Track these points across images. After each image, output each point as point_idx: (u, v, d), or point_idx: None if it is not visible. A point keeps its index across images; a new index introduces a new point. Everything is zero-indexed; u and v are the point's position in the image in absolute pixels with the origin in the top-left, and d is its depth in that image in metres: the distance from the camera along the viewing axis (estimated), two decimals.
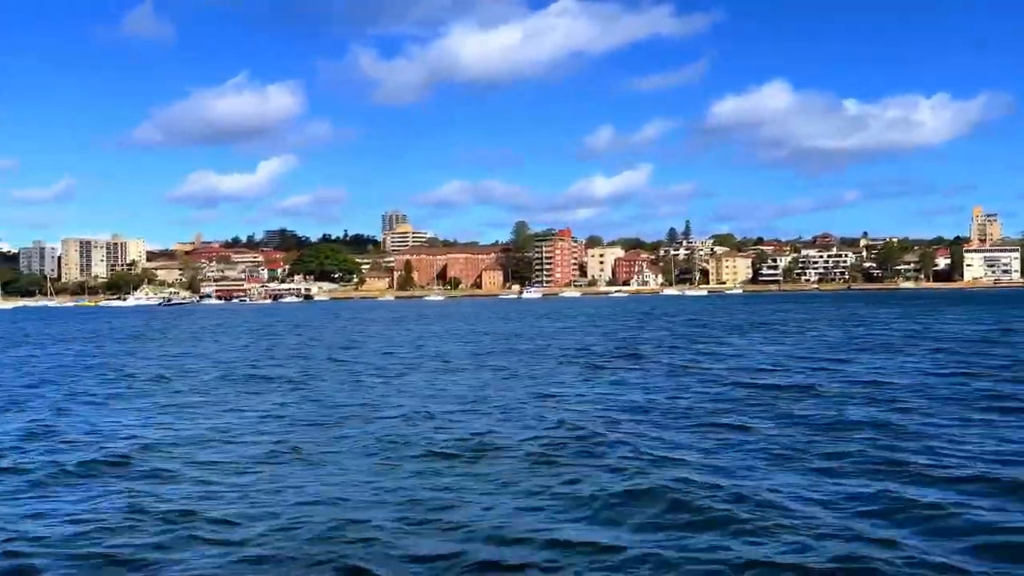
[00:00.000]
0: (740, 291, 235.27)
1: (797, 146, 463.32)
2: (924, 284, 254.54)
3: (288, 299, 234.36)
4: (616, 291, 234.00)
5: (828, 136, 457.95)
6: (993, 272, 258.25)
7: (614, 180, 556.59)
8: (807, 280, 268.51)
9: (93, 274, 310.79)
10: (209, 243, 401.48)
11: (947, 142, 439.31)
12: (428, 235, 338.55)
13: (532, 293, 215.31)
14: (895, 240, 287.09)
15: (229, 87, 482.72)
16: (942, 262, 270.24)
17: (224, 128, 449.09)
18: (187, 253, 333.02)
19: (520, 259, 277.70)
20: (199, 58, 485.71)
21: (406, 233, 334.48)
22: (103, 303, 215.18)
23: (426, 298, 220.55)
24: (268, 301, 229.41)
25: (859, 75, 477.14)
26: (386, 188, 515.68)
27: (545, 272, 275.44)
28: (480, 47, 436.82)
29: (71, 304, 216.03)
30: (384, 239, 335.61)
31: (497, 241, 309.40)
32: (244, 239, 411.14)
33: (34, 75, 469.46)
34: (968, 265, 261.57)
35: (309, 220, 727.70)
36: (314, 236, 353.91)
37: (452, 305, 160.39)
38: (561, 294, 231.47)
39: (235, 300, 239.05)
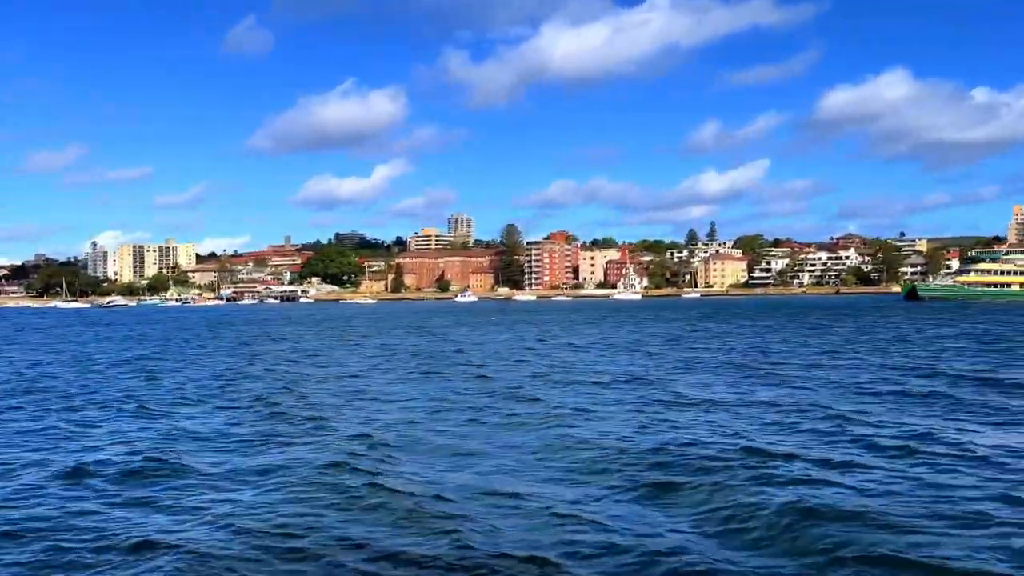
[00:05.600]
0: (698, 295, 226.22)
1: (920, 139, 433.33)
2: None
3: (247, 300, 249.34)
4: (558, 295, 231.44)
5: (954, 128, 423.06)
6: None
7: (727, 176, 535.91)
8: (799, 283, 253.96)
9: (145, 276, 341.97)
10: (296, 246, 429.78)
11: None
12: (449, 237, 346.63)
13: (467, 297, 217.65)
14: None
15: (335, 94, 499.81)
16: (955, 265, 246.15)
17: (335, 134, 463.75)
18: (231, 257, 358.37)
19: (511, 262, 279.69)
20: (302, 68, 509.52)
21: (429, 236, 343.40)
22: (58, 304, 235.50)
23: (355, 300, 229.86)
24: (220, 302, 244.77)
25: (988, 61, 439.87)
26: (495, 189, 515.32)
27: (535, 275, 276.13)
28: (571, 45, 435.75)
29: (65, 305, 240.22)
30: (409, 242, 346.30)
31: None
32: (325, 242, 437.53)
33: (157, 89, 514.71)
34: None
35: (423, 220, 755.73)
36: (389, 238, 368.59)
37: (352, 308, 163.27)
38: (515, 297, 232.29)
39: (208, 302, 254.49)
